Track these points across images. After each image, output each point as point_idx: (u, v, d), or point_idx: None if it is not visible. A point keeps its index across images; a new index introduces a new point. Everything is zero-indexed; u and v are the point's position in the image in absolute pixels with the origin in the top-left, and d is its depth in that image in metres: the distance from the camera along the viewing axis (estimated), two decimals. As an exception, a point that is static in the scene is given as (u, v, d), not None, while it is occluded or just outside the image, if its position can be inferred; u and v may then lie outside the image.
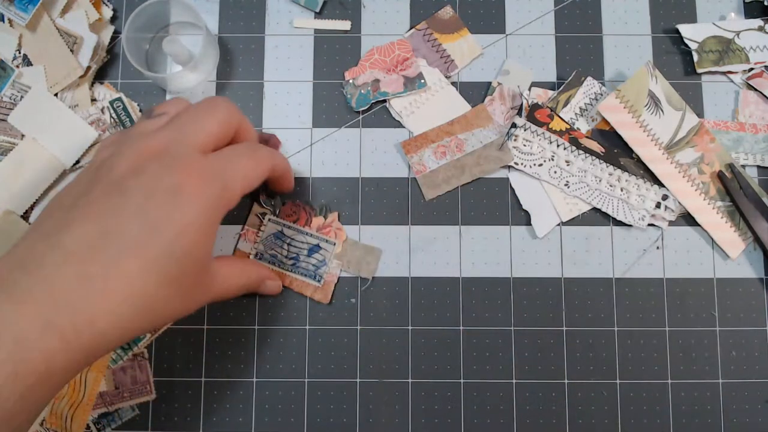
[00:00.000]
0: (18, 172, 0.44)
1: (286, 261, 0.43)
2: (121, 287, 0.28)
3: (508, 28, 0.48)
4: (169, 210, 0.30)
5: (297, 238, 0.43)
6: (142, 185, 0.30)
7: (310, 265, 0.43)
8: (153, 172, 0.31)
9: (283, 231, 0.43)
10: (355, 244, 0.42)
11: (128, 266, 0.28)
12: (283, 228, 0.43)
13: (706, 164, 0.45)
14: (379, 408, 0.43)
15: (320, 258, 0.42)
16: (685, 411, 0.43)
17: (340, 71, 0.47)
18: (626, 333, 0.44)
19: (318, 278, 0.43)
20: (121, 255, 0.28)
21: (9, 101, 0.45)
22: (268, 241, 0.43)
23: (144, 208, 0.29)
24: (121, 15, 0.47)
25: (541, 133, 0.45)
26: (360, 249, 0.42)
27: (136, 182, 0.30)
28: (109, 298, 0.28)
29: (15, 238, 0.43)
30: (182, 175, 0.31)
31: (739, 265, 0.45)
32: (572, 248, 0.45)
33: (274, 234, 0.43)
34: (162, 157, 0.31)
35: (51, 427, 0.41)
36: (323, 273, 0.43)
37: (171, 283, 0.30)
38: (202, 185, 0.31)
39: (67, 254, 0.28)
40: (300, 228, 0.43)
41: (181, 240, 0.30)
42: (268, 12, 0.48)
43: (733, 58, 0.46)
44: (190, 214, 0.30)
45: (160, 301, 0.30)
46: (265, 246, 0.43)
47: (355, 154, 0.46)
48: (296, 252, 0.42)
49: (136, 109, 0.46)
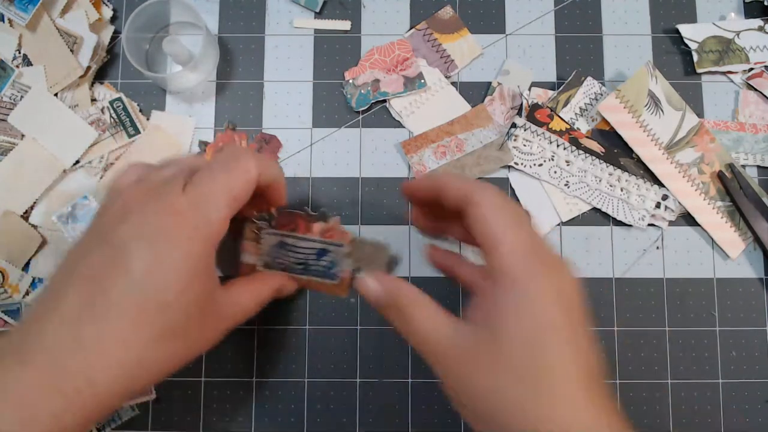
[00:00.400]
0: (18, 172, 0.44)
1: (296, 267, 0.41)
2: (116, 348, 0.28)
3: (508, 28, 0.48)
4: (150, 263, 0.29)
5: (300, 245, 0.40)
6: (125, 238, 0.29)
7: (321, 267, 0.41)
8: (133, 222, 0.30)
9: (283, 241, 0.40)
10: (362, 241, 0.40)
11: (120, 326, 0.28)
12: (282, 238, 0.40)
13: (706, 164, 0.45)
14: (379, 408, 0.43)
15: (330, 259, 0.40)
16: (685, 411, 0.43)
17: (340, 71, 0.47)
18: (626, 333, 0.44)
19: (333, 277, 0.41)
20: (113, 315, 0.28)
21: (9, 101, 0.45)
22: (272, 252, 0.40)
23: (128, 263, 0.29)
24: (121, 15, 0.47)
25: (541, 133, 0.45)
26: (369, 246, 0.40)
27: (120, 236, 0.30)
28: (106, 360, 0.28)
29: (15, 238, 0.43)
30: (160, 223, 0.30)
31: (739, 265, 0.45)
32: (572, 248, 0.45)
33: (277, 244, 0.40)
34: (143, 205, 0.30)
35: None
36: (337, 272, 0.41)
37: (169, 336, 0.30)
38: (178, 229, 0.30)
39: (63, 318, 0.28)
40: (301, 236, 0.40)
41: (169, 291, 0.29)
42: (268, 12, 0.48)
43: (733, 58, 0.46)
44: (172, 262, 0.29)
45: (161, 355, 0.30)
46: (271, 257, 0.40)
47: (355, 154, 0.46)
48: (303, 258, 0.40)
49: (136, 109, 0.46)
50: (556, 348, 0.28)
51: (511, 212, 0.31)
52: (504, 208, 0.31)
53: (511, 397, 0.28)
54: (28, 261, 0.44)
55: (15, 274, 0.44)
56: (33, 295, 0.43)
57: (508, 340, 0.28)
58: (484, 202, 0.31)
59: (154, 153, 0.45)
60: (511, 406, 0.28)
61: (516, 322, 0.28)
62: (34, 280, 0.44)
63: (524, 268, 0.29)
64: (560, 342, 0.28)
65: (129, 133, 0.45)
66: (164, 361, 0.30)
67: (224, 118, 0.46)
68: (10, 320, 0.42)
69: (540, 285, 0.29)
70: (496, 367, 0.28)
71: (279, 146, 0.46)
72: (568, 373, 0.28)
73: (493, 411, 0.28)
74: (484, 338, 0.29)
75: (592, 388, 0.28)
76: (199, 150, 0.46)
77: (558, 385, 0.27)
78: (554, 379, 0.27)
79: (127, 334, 0.28)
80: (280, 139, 0.46)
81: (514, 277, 0.29)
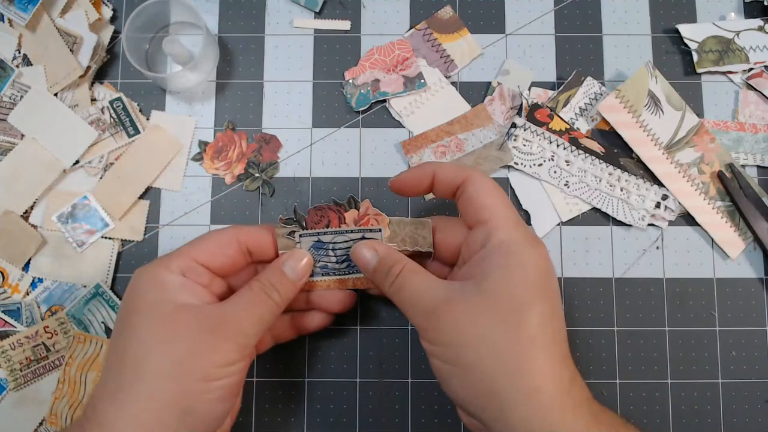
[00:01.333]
0: (18, 172, 0.44)
1: (340, 267, 0.39)
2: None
3: (508, 28, 0.48)
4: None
5: (338, 240, 0.38)
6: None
7: None
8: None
9: (320, 239, 0.38)
10: (401, 221, 0.38)
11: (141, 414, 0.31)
12: (319, 237, 0.38)
13: (706, 164, 0.45)
14: (379, 408, 0.43)
15: None
16: (685, 411, 0.43)
17: (340, 71, 0.47)
18: (626, 333, 0.44)
19: None
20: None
21: (9, 101, 0.45)
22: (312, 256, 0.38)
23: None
24: (121, 15, 0.47)
25: (541, 133, 0.45)
26: (409, 225, 0.38)
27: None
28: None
29: (15, 238, 0.43)
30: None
31: (739, 265, 0.45)
32: (572, 248, 0.45)
33: (313, 246, 0.38)
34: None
35: (51, 427, 0.41)
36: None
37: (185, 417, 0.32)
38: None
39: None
40: (336, 229, 0.38)
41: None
42: (268, 12, 0.48)
43: (733, 58, 0.46)
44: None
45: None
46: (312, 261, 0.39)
47: (355, 154, 0.46)
48: (345, 253, 0.38)
49: (136, 109, 0.46)
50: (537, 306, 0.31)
51: (501, 192, 0.35)
52: (496, 187, 0.35)
53: (495, 343, 0.30)
54: (28, 261, 0.44)
55: (15, 274, 0.44)
56: (32, 296, 0.44)
57: (498, 293, 0.31)
58: (480, 180, 0.35)
59: (154, 153, 0.45)
60: (494, 352, 0.30)
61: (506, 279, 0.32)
62: (34, 280, 0.44)
63: (515, 239, 0.33)
64: (540, 300, 0.31)
65: (129, 133, 0.45)
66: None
67: (224, 118, 0.46)
68: (10, 320, 0.42)
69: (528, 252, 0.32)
70: (484, 316, 0.31)
71: (279, 146, 0.46)
72: (545, 329, 0.31)
73: (477, 358, 0.31)
74: (474, 291, 0.32)
75: (564, 348, 0.32)
76: (199, 149, 0.46)
77: (537, 339, 0.31)
78: (534, 331, 0.31)
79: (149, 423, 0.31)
80: (280, 139, 0.46)
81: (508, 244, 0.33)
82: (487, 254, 0.33)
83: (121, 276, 0.44)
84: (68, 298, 0.44)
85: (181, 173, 0.46)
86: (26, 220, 0.44)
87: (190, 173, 0.46)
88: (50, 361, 0.42)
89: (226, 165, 0.46)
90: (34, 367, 0.42)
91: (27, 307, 0.43)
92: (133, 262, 0.44)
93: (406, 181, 0.37)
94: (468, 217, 0.35)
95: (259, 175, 0.45)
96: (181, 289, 0.34)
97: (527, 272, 0.32)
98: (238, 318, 0.33)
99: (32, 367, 0.42)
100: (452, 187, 0.36)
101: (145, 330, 0.32)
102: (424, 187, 0.37)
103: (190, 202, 0.45)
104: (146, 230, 0.45)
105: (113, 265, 0.44)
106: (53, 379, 0.42)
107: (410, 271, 0.35)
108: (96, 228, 0.44)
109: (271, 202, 0.45)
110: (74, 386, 0.42)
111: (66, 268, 0.44)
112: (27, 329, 0.42)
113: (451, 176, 0.36)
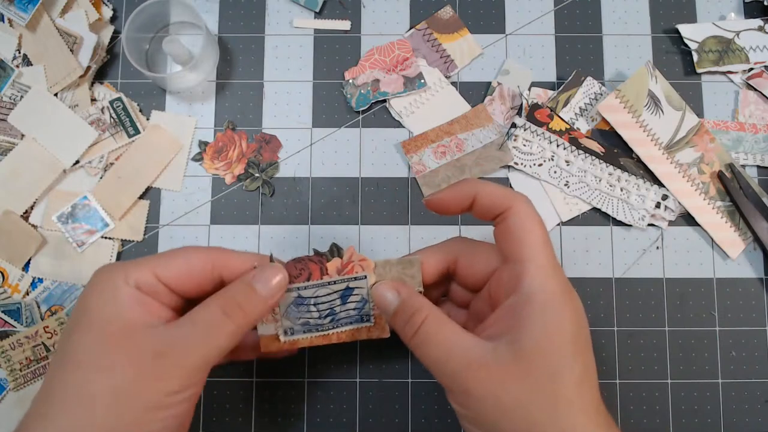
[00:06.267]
0: (18, 172, 0.44)
1: (323, 322, 0.36)
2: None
3: (508, 28, 0.48)
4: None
5: (321, 294, 0.35)
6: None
7: (351, 311, 0.36)
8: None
9: (300, 295, 0.34)
10: (387, 263, 0.35)
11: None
12: (298, 292, 0.34)
13: (706, 164, 0.45)
14: (379, 408, 0.43)
15: (357, 298, 0.35)
16: (685, 411, 0.43)
17: (340, 71, 0.47)
18: (626, 333, 0.44)
19: (366, 318, 0.36)
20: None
21: (9, 101, 0.45)
22: (290, 313, 0.35)
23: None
24: (121, 15, 0.47)
25: (541, 133, 0.45)
26: (395, 266, 0.35)
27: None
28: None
29: (15, 238, 0.43)
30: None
31: (739, 265, 0.45)
32: (572, 248, 0.45)
33: (293, 302, 0.35)
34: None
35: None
36: (369, 310, 0.36)
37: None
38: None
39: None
40: (318, 282, 0.34)
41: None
42: (268, 12, 0.48)
43: (733, 58, 0.46)
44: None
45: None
46: (291, 319, 0.35)
47: (355, 154, 0.46)
48: (328, 307, 0.35)
49: (136, 108, 0.46)
50: (575, 366, 0.29)
51: (543, 227, 0.32)
52: (539, 223, 0.32)
53: (531, 412, 0.28)
54: (28, 261, 0.44)
55: (15, 274, 0.44)
56: (32, 296, 0.44)
57: (534, 356, 0.29)
58: (524, 212, 0.32)
59: (154, 153, 0.45)
60: (531, 421, 0.28)
61: (542, 338, 0.29)
62: (34, 280, 0.44)
63: (552, 289, 0.30)
64: (577, 359, 0.29)
65: (129, 133, 0.45)
66: None
67: (224, 118, 0.46)
68: (10, 320, 0.42)
69: (565, 308, 0.30)
70: (520, 382, 0.29)
71: (279, 146, 0.46)
72: (582, 389, 0.29)
73: (514, 427, 0.29)
74: (507, 354, 0.29)
75: (597, 399, 0.30)
76: (199, 149, 0.46)
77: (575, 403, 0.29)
78: (571, 394, 0.29)
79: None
80: (280, 139, 0.46)
81: (544, 296, 0.30)
82: (521, 304, 0.30)
83: (121, 276, 0.44)
84: (68, 298, 0.44)
85: (181, 173, 0.46)
86: (26, 220, 0.44)
87: (190, 173, 0.46)
88: (50, 361, 0.42)
89: (226, 165, 0.46)
90: (34, 367, 0.42)
91: (27, 307, 0.43)
92: (133, 262, 0.45)
93: (444, 201, 0.34)
94: (504, 248, 0.32)
95: (259, 175, 0.45)
96: (133, 305, 0.30)
97: (564, 331, 0.29)
98: (189, 344, 0.30)
99: (32, 367, 0.42)
100: (493, 213, 0.33)
101: (88, 352, 0.29)
102: (463, 208, 0.34)
103: (190, 202, 0.45)
104: (146, 230, 0.45)
105: (113, 265, 0.44)
106: (53, 379, 0.42)
107: (435, 323, 0.31)
108: (96, 228, 0.44)
109: (271, 202, 0.45)
110: (74, 386, 0.42)
111: (66, 268, 0.44)
112: (27, 329, 0.42)
113: (494, 202, 0.32)
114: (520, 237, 0.31)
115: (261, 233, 0.45)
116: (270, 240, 0.45)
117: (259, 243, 0.45)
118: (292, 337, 0.36)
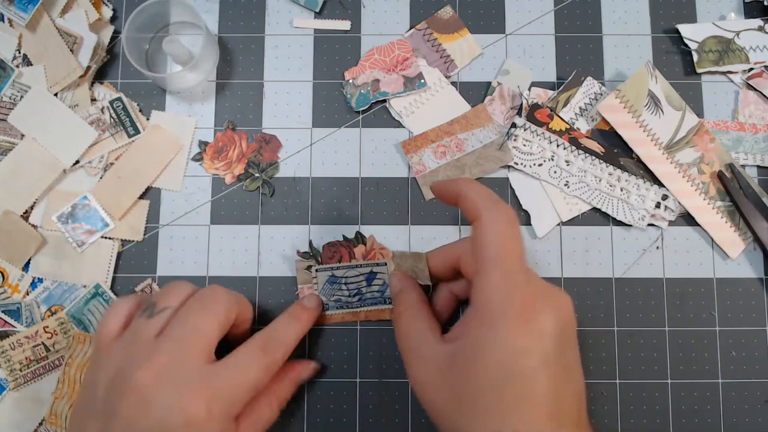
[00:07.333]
0: (18, 172, 0.44)
1: (351, 300, 0.42)
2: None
3: (508, 28, 0.48)
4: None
5: (350, 275, 0.42)
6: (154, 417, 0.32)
7: (375, 293, 0.42)
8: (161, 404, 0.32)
9: (334, 274, 0.42)
10: (402, 255, 0.42)
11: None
12: (332, 271, 0.42)
13: (706, 164, 0.45)
14: (379, 408, 0.43)
15: (380, 282, 0.42)
16: (685, 411, 0.43)
17: (340, 71, 0.47)
18: (626, 333, 0.44)
19: (387, 301, 0.42)
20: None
21: (9, 101, 0.45)
22: (325, 290, 0.42)
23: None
24: (121, 15, 0.47)
25: (541, 133, 0.45)
26: (409, 258, 0.42)
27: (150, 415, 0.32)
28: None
29: (15, 238, 0.43)
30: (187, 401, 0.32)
31: (739, 265, 0.45)
32: (572, 248, 0.45)
33: (328, 281, 0.42)
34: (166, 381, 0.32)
35: (51, 427, 0.41)
36: (389, 294, 0.42)
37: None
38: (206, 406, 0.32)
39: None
40: (348, 264, 0.42)
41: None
42: (268, 12, 0.48)
43: (733, 58, 0.46)
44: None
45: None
46: (326, 296, 0.42)
47: (355, 154, 0.46)
48: (356, 287, 0.42)
49: (136, 108, 0.46)
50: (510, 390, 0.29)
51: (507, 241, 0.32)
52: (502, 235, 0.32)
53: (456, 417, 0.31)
54: (28, 261, 0.44)
55: (15, 274, 0.44)
56: (32, 296, 0.44)
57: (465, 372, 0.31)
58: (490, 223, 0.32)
59: (154, 153, 0.45)
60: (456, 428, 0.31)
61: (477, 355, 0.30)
62: (34, 280, 0.44)
63: (501, 308, 0.30)
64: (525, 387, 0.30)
65: (129, 133, 0.45)
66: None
67: (224, 118, 0.46)
68: (10, 320, 0.42)
69: (512, 328, 0.30)
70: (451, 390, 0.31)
71: (279, 146, 0.46)
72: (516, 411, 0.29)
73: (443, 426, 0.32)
74: (447, 363, 0.32)
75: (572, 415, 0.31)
76: (199, 149, 0.46)
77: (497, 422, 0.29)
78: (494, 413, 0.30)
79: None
80: (280, 139, 0.46)
81: (486, 311, 0.31)
82: (470, 314, 0.32)
83: (121, 276, 0.44)
84: (68, 298, 0.44)
85: (181, 173, 0.46)
86: (26, 220, 0.44)
87: (190, 173, 0.46)
88: (50, 361, 0.42)
89: (226, 165, 0.46)
90: (34, 367, 0.42)
91: (27, 307, 0.43)
92: (133, 262, 0.44)
93: (435, 191, 0.38)
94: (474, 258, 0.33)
95: (259, 175, 0.45)
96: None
97: (496, 346, 0.30)
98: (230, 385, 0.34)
99: (32, 367, 0.42)
100: (469, 218, 0.34)
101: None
102: (451, 203, 0.36)
103: (190, 202, 0.45)
104: (146, 230, 0.45)
105: (113, 265, 0.44)
106: (53, 379, 0.42)
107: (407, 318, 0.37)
108: (96, 228, 0.44)
109: (271, 202, 0.45)
110: (74, 386, 0.42)
111: (66, 268, 0.44)
112: (27, 329, 0.42)
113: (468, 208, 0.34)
114: (477, 249, 0.32)
115: (261, 233, 0.45)
116: (270, 240, 0.45)
117: (259, 243, 0.45)
118: (326, 312, 0.43)
